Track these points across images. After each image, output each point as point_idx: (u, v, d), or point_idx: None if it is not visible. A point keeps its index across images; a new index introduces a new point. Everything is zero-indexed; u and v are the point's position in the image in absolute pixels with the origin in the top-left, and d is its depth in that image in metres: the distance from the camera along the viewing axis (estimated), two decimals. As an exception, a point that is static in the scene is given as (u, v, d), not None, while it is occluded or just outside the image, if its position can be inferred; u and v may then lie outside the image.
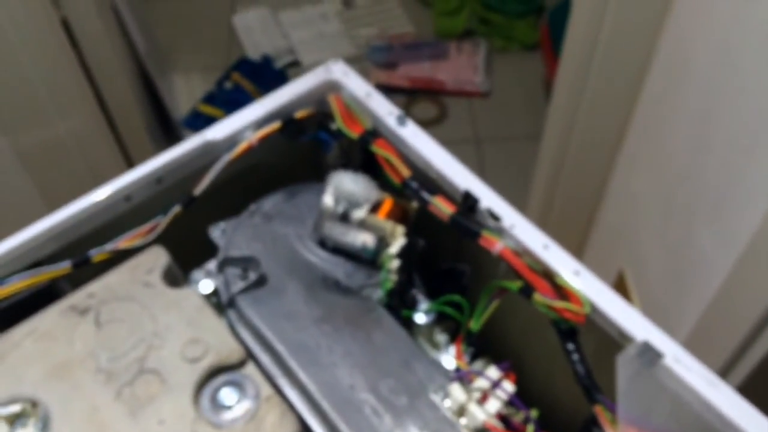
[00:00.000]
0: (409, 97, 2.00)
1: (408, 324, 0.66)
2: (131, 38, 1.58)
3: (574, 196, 1.30)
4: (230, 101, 1.97)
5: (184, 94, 1.99)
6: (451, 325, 0.68)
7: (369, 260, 0.65)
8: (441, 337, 0.66)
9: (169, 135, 1.83)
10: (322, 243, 0.67)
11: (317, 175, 0.76)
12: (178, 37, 2.10)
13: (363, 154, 0.77)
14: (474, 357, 0.64)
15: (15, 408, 0.54)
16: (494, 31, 2.10)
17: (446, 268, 0.73)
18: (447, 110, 1.98)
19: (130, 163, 1.36)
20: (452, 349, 0.64)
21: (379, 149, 0.66)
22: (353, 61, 2.02)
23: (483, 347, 0.65)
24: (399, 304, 0.66)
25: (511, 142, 1.91)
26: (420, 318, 0.67)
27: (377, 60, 2.04)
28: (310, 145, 0.77)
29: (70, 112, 1.15)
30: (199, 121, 1.92)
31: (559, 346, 0.61)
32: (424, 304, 0.68)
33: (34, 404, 0.54)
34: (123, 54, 1.48)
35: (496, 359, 0.65)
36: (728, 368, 0.83)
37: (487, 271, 0.69)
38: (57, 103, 1.13)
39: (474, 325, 0.62)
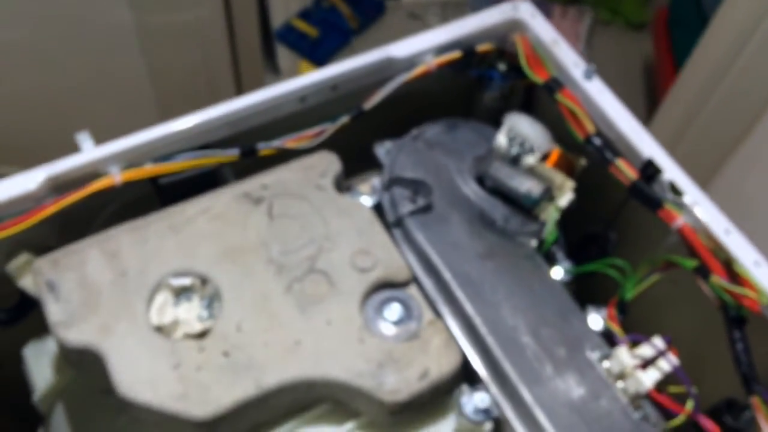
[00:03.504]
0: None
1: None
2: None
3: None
4: (324, 21, 1.94)
5: (280, 5, 1.96)
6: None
7: (528, 208, 0.65)
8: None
9: (266, 43, 1.82)
10: (480, 181, 0.66)
11: (465, 113, 0.75)
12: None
13: (523, 100, 0.76)
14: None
15: (185, 281, 0.54)
16: (601, 2, 2.05)
17: (589, 233, 0.72)
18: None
19: (236, 64, 1.35)
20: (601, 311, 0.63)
21: (564, 99, 0.65)
22: (458, 7, 1.99)
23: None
24: (547, 258, 0.65)
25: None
26: (558, 273, 0.66)
27: (481, 9, 1.99)
28: (468, 82, 0.76)
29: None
30: (291, 35, 1.91)
31: (701, 332, 0.61)
32: (564, 263, 0.67)
33: (204, 281, 0.55)
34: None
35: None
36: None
37: (635, 243, 0.68)
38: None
39: (628, 293, 0.61)
